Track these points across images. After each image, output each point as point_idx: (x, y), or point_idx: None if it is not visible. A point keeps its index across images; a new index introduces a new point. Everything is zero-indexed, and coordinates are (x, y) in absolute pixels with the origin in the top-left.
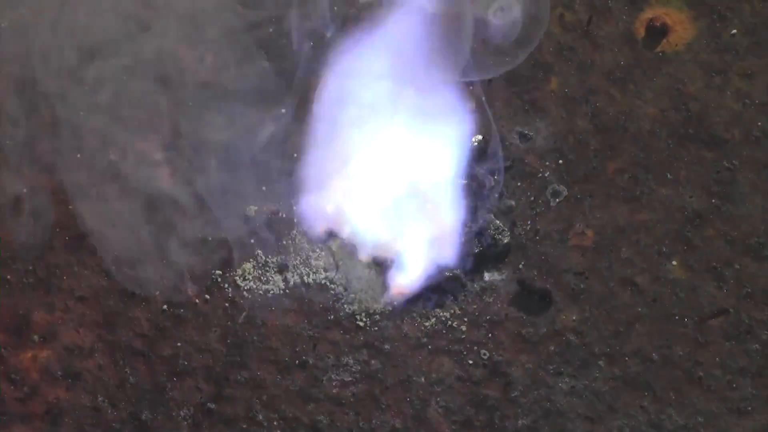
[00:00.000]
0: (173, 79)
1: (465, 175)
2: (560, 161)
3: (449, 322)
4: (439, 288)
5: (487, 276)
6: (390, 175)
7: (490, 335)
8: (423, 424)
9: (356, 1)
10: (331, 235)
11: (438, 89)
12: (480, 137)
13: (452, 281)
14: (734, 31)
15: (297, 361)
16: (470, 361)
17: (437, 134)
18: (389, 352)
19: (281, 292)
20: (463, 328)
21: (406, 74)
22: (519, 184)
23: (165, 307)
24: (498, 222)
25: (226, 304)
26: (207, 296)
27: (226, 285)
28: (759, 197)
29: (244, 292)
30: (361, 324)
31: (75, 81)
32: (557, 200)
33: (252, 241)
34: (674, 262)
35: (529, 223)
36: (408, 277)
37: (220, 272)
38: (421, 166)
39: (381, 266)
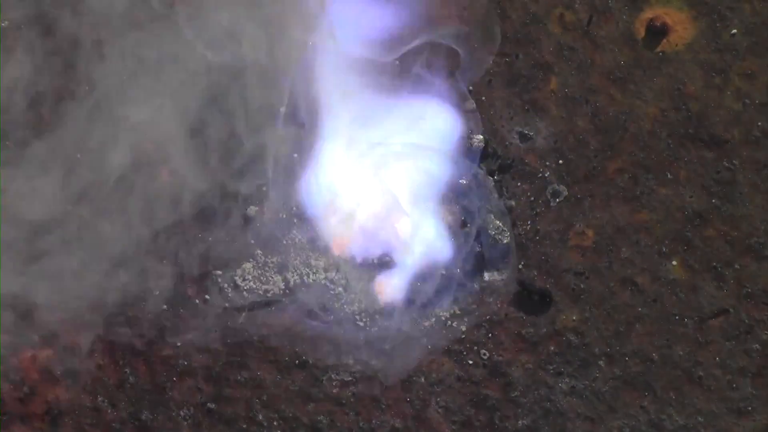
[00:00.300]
0: None
1: (465, 176)
2: (560, 161)
3: (449, 322)
4: (439, 288)
5: (487, 276)
6: (385, 176)
7: (490, 335)
8: (423, 424)
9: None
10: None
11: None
12: (480, 137)
13: (452, 281)
14: (734, 31)
15: (297, 361)
16: (470, 361)
17: (432, 136)
18: (389, 352)
19: (281, 292)
20: (463, 328)
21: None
22: (519, 184)
23: (165, 307)
24: (498, 222)
25: (226, 305)
26: (207, 296)
27: (226, 285)
28: (759, 197)
29: (244, 292)
30: (361, 324)
31: None
32: (557, 200)
33: (252, 241)
34: (674, 262)
35: (529, 223)
36: (400, 277)
37: (220, 272)
38: (417, 166)
39: (380, 266)
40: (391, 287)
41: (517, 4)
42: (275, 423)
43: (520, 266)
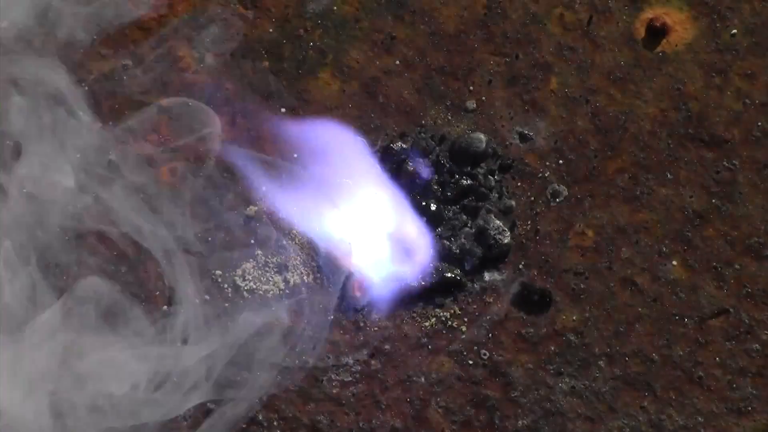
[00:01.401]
0: None
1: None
2: (560, 161)
3: (449, 322)
4: (440, 288)
5: (487, 276)
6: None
7: (490, 335)
8: (423, 424)
9: None
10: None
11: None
12: (481, 136)
13: (453, 281)
14: (734, 31)
15: (297, 361)
16: (470, 361)
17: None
18: (389, 352)
19: (281, 292)
20: (463, 328)
21: None
22: (519, 184)
23: (165, 307)
24: (498, 222)
25: (226, 304)
26: (207, 296)
27: (226, 285)
28: (759, 197)
29: (244, 292)
30: (361, 324)
31: None
32: (557, 200)
33: (252, 241)
34: (674, 262)
35: (529, 223)
36: (367, 280)
37: (220, 272)
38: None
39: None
40: (363, 288)
41: (517, 4)
42: (275, 423)
43: (520, 266)
